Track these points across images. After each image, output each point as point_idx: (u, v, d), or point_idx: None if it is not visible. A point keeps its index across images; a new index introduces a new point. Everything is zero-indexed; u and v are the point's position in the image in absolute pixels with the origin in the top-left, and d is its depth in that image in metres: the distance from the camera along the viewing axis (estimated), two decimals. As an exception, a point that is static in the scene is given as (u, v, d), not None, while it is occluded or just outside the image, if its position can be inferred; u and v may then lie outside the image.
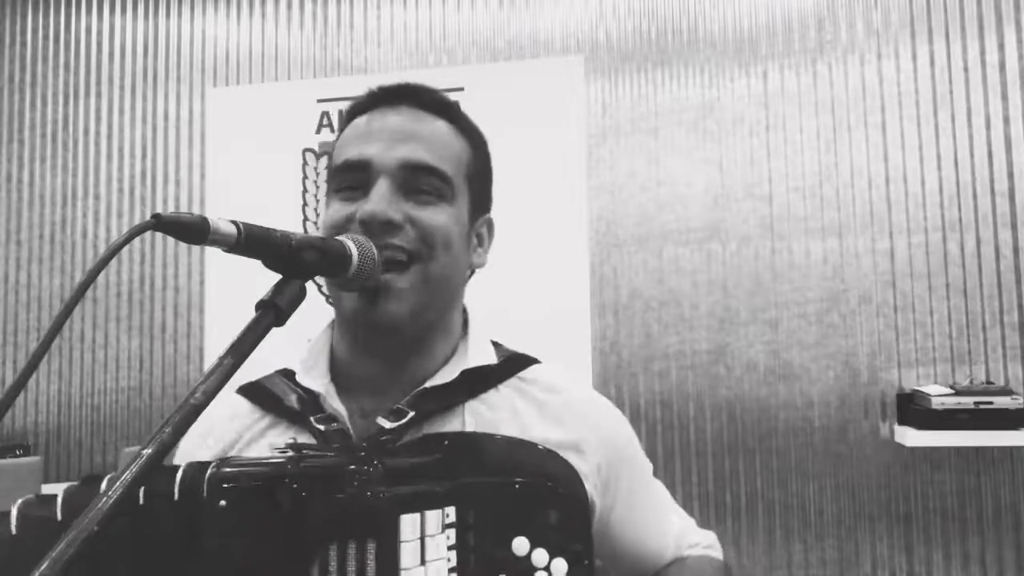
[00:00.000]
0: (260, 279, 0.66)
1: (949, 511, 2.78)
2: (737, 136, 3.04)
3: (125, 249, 3.16)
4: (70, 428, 3.53)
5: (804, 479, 2.88)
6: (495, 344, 0.86)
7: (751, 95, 3.05)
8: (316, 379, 0.80)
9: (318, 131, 3.29)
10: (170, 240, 3.43)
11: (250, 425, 0.82)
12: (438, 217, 0.76)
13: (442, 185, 0.77)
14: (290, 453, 0.67)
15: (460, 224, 0.79)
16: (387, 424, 0.73)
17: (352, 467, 0.62)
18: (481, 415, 0.78)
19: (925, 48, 2.93)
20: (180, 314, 3.47)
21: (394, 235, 0.73)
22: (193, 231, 0.56)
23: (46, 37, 3.73)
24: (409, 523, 0.62)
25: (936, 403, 2.57)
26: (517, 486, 0.68)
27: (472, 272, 0.85)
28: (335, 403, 0.77)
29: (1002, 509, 2.74)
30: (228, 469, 0.63)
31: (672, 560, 0.89)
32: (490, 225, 0.87)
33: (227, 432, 0.82)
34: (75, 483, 0.66)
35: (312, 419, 0.76)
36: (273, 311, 0.61)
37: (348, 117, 0.83)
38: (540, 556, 0.67)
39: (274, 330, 0.62)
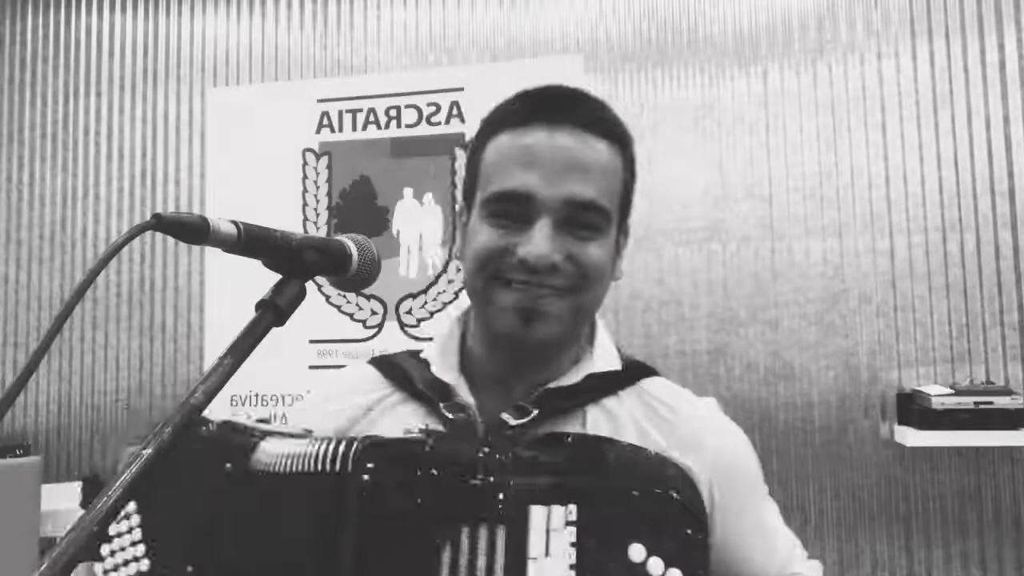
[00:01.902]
0: (260, 279, 0.66)
1: (949, 511, 2.78)
2: (737, 136, 3.04)
3: (125, 249, 3.16)
4: (70, 428, 3.53)
5: (804, 479, 2.88)
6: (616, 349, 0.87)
7: (751, 95, 3.05)
8: (448, 371, 0.82)
9: (318, 131, 3.29)
10: (170, 240, 3.43)
11: (381, 398, 0.85)
12: (597, 254, 0.76)
13: (604, 222, 0.77)
14: (425, 438, 0.70)
15: (611, 250, 0.80)
16: (511, 420, 0.75)
17: (484, 456, 0.65)
18: (602, 420, 0.79)
19: (925, 48, 2.93)
20: (180, 314, 3.47)
21: (554, 276, 0.74)
22: (193, 231, 0.56)
23: (46, 37, 3.73)
24: (538, 514, 0.64)
25: (936, 403, 2.57)
26: (636, 493, 0.68)
27: None
28: (465, 395, 0.80)
29: (1002, 509, 2.74)
30: (373, 448, 0.67)
31: None
32: (626, 234, 0.87)
33: (352, 401, 0.86)
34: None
35: (442, 405, 0.79)
36: (273, 311, 0.61)
37: (497, 126, 0.81)
38: (656, 565, 0.66)
39: (274, 330, 0.62)
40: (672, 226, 3.05)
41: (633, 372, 0.84)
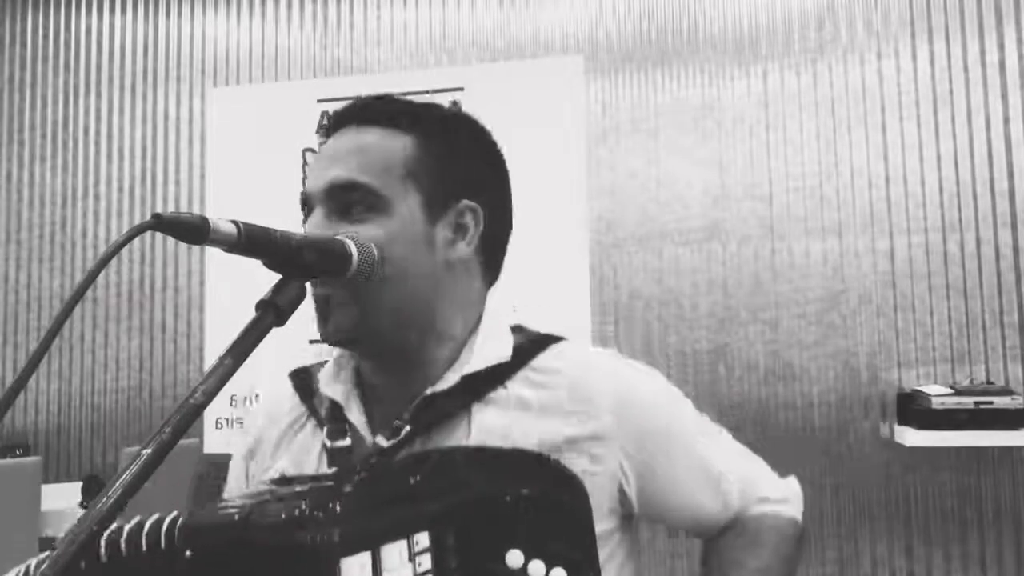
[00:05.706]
0: (260, 279, 0.66)
1: (949, 511, 2.78)
2: (737, 136, 3.04)
3: (125, 249, 3.16)
4: (70, 428, 3.53)
5: (804, 479, 2.87)
6: (518, 329, 0.82)
7: (751, 95, 3.05)
8: (339, 387, 0.81)
9: (318, 131, 3.28)
10: (170, 240, 3.43)
11: (292, 413, 0.85)
12: (371, 232, 0.73)
13: (371, 197, 0.75)
14: (269, 489, 0.68)
15: (406, 229, 0.75)
16: (384, 443, 0.73)
17: (304, 512, 0.61)
18: (488, 421, 0.75)
19: (925, 48, 2.93)
20: (180, 314, 3.47)
21: None
22: (193, 231, 0.56)
23: (46, 37, 3.73)
24: (353, 564, 0.61)
25: (936, 403, 2.57)
26: (508, 498, 0.66)
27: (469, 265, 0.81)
28: (353, 415, 0.78)
29: (1002, 509, 2.74)
30: (194, 521, 0.64)
31: (730, 523, 0.85)
32: (473, 212, 0.80)
33: (269, 435, 0.85)
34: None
35: (324, 430, 0.78)
36: (273, 311, 0.61)
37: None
38: (537, 568, 0.65)
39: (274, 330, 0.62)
40: (672, 226, 3.05)
41: (522, 355, 0.78)
